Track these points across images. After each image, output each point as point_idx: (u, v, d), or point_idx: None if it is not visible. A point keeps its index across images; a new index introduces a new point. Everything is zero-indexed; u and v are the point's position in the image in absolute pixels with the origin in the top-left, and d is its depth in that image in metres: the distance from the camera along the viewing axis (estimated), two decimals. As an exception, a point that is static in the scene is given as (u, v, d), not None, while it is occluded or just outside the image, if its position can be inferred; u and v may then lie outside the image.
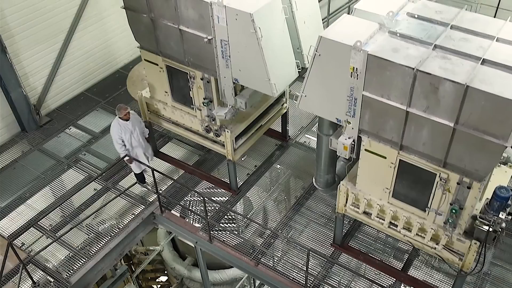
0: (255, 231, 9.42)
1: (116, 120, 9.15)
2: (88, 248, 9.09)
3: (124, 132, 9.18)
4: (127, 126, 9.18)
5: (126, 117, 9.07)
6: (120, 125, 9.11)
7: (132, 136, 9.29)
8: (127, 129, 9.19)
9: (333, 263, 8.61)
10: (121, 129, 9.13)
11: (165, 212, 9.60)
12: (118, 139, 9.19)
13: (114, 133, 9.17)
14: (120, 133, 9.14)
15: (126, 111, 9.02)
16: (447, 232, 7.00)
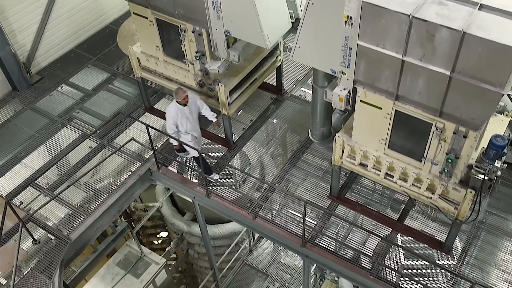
0: (252, 186, 9.46)
1: (173, 105, 8.52)
2: (87, 205, 9.15)
3: (181, 117, 8.58)
4: (184, 111, 8.57)
5: (184, 102, 8.42)
6: (177, 109, 8.50)
7: (189, 121, 8.71)
8: (183, 114, 8.59)
9: (330, 215, 8.69)
10: (178, 114, 8.53)
11: (162, 168, 9.61)
12: (173, 124, 8.63)
13: (170, 117, 8.57)
14: (176, 118, 8.55)
15: (184, 94, 8.36)
16: (443, 182, 7.02)
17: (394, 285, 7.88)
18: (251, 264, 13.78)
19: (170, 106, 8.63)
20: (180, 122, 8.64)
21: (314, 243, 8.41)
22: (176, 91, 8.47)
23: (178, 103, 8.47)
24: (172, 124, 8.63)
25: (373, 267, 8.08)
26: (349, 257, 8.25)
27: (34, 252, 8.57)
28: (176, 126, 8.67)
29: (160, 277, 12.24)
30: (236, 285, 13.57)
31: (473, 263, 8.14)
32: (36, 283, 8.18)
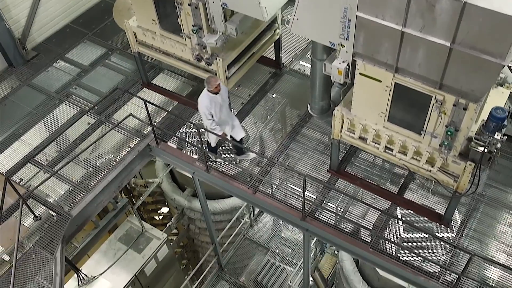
0: (252, 161, 9.45)
1: (205, 93, 8.31)
2: (87, 182, 9.16)
3: (214, 106, 8.37)
4: (216, 100, 8.36)
5: (216, 90, 8.21)
6: (209, 98, 8.30)
7: (222, 110, 8.53)
8: (216, 103, 8.38)
9: (330, 189, 8.70)
10: (211, 102, 8.32)
11: (161, 144, 9.58)
12: (208, 113, 8.39)
13: (203, 107, 8.33)
14: (209, 107, 8.34)
15: (216, 82, 8.17)
16: (443, 155, 7.00)
17: (394, 257, 7.94)
18: (251, 239, 13.90)
19: (201, 97, 8.35)
20: (214, 111, 8.38)
21: (314, 217, 8.45)
22: (208, 79, 8.20)
23: (209, 92, 8.24)
24: (208, 114, 8.38)
25: (373, 240, 8.12)
26: (349, 231, 8.29)
27: (35, 228, 8.62)
28: (211, 114, 8.40)
29: (161, 252, 12.35)
30: (237, 260, 13.70)
31: (472, 235, 8.19)
32: (38, 259, 8.25)
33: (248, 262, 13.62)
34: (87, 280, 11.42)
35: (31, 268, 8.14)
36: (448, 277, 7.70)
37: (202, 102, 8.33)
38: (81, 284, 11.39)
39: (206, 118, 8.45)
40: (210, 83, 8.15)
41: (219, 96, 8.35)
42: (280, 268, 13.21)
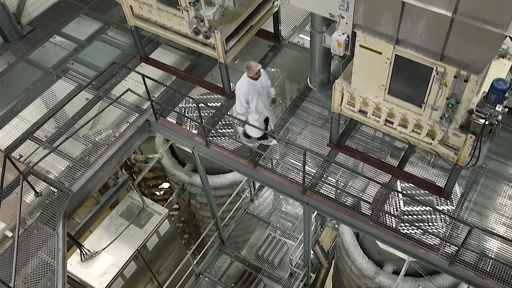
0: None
1: (244, 79, 8.06)
2: (87, 158, 9.15)
3: (252, 93, 8.10)
4: (255, 86, 8.09)
5: (256, 76, 7.95)
6: (248, 84, 8.03)
7: (260, 97, 8.27)
8: (255, 90, 8.10)
9: (330, 163, 8.69)
10: (249, 89, 8.04)
11: (160, 119, 9.54)
12: (244, 100, 8.13)
13: (241, 93, 8.08)
14: (247, 94, 8.06)
15: (257, 68, 7.88)
16: (443, 127, 6.96)
17: (394, 230, 7.98)
18: (252, 213, 13.97)
19: (241, 82, 8.10)
20: (251, 98, 8.12)
21: (314, 191, 8.46)
22: (248, 65, 7.92)
23: (249, 77, 7.97)
24: (243, 101, 8.10)
25: (373, 213, 8.15)
26: (349, 204, 8.31)
27: (37, 204, 8.65)
28: (247, 102, 8.15)
29: (163, 227, 12.43)
30: (238, 234, 13.79)
31: (472, 208, 8.21)
32: (40, 234, 8.31)
33: (249, 236, 13.72)
34: (90, 255, 11.54)
35: (34, 243, 8.20)
36: (448, 249, 7.75)
37: (241, 88, 8.06)
38: (84, 259, 11.51)
39: (240, 104, 8.20)
40: (250, 68, 7.88)
41: (259, 82, 8.06)
42: (281, 242, 13.32)
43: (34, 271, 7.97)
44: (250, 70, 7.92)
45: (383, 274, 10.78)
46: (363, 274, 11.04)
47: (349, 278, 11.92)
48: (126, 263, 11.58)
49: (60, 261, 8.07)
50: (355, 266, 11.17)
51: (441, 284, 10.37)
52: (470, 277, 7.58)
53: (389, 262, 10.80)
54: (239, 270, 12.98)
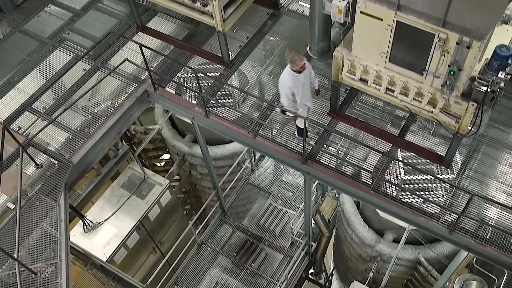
0: (252, 105, 9.35)
1: (287, 72, 7.79)
2: (86, 129, 9.12)
3: (297, 85, 7.84)
4: (299, 79, 7.82)
5: (301, 69, 7.70)
6: (292, 78, 7.76)
7: (304, 89, 8.01)
8: (299, 82, 7.85)
9: (331, 132, 8.64)
10: (294, 82, 7.79)
11: (159, 89, 9.45)
12: (290, 94, 7.89)
13: (286, 87, 7.84)
14: (292, 87, 7.81)
15: (302, 62, 7.60)
16: (445, 95, 6.88)
17: (394, 199, 7.99)
18: (253, 183, 14.01)
19: (284, 75, 7.85)
20: (296, 91, 7.87)
21: (315, 160, 8.44)
22: (292, 58, 7.64)
23: (293, 71, 7.70)
24: (289, 94, 7.87)
25: (374, 182, 8.15)
26: (350, 174, 8.30)
27: (37, 176, 8.66)
28: (292, 94, 7.90)
29: (164, 198, 12.50)
30: (239, 204, 13.87)
31: (473, 176, 8.20)
32: (42, 206, 8.34)
33: (250, 206, 13.80)
34: (92, 226, 11.64)
35: (36, 215, 8.24)
36: (448, 217, 7.78)
37: (285, 83, 7.83)
38: (86, 230, 11.62)
39: (286, 97, 7.97)
40: (295, 62, 7.58)
41: (302, 75, 7.81)
42: (282, 211, 13.40)
43: (38, 242, 8.03)
44: (294, 64, 7.62)
45: (383, 243, 10.89)
46: (364, 243, 11.15)
47: (350, 246, 12.05)
48: (128, 233, 11.69)
49: (62, 232, 8.13)
50: (355, 235, 11.28)
51: (441, 252, 10.48)
52: (470, 245, 7.63)
53: (389, 230, 10.89)
54: (240, 239, 13.11)
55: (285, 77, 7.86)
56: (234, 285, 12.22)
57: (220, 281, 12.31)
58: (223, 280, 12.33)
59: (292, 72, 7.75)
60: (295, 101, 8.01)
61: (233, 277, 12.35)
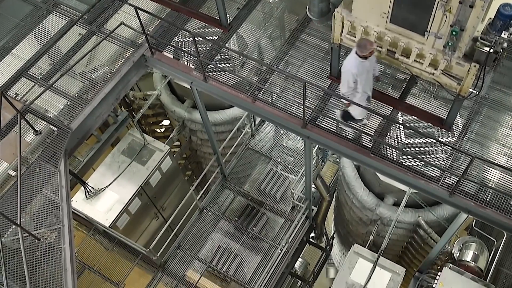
0: (251, 69, 9.23)
1: (353, 58, 7.21)
2: (84, 96, 9.04)
3: (361, 73, 7.32)
4: (365, 66, 7.29)
5: (370, 55, 7.14)
6: (358, 64, 7.22)
7: (368, 77, 7.53)
8: (364, 69, 7.32)
9: (331, 95, 8.56)
10: (359, 69, 7.27)
11: (156, 53, 9.31)
12: (352, 81, 7.37)
13: (350, 74, 7.30)
14: (356, 74, 7.28)
15: (373, 47, 7.05)
16: (446, 56, 6.77)
17: (395, 162, 7.97)
18: (253, 148, 14.00)
19: (349, 60, 7.28)
20: (360, 79, 7.36)
21: (315, 124, 8.39)
22: (362, 42, 7.05)
23: (359, 56, 7.15)
24: (352, 82, 7.35)
25: (374, 145, 8.12)
26: (350, 137, 8.25)
27: (37, 143, 8.65)
28: (355, 82, 7.41)
29: (165, 164, 12.51)
30: (240, 169, 13.89)
31: (474, 139, 8.16)
32: (43, 172, 8.37)
33: (251, 171, 13.83)
34: (94, 192, 11.70)
35: (37, 181, 8.28)
36: (449, 180, 7.78)
37: (349, 69, 7.28)
38: (88, 196, 11.68)
39: (347, 84, 7.46)
40: (365, 47, 7.01)
41: (368, 61, 7.28)
42: (283, 176, 13.43)
43: (40, 208, 8.10)
44: (364, 49, 7.04)
45: (384, 206, 10.96)
46: (364, 206, 11.23)
47: (350, 210, 12.14)
48: (130, 199, 11.76)
49: (64, 198, 8.18)
50: (356, 199, 11.34)
51: (441, 214, 10.55)
52: (470, 207, 7.65)
53: (389, 194, 10.94)
54: (242, 204, 13.19)
55: (350, 63, 7.26)
56: (236, 249, 12.38)
57: (222, 245, 12.47)
58: (225, 244, 12.48)
59: (358, 58, 7.16)
60: (356, 89, 7.49)
61: (235, 241, 12.50)
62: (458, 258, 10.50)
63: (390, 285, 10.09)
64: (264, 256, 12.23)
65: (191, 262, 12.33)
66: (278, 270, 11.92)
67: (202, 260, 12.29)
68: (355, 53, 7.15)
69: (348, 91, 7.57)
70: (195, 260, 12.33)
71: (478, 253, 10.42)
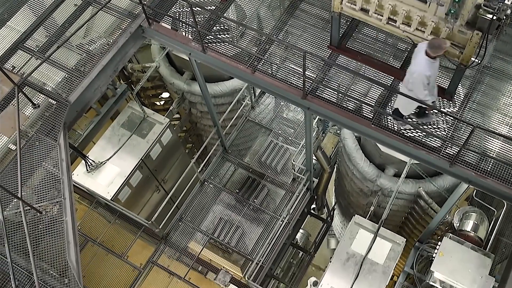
0: (250, 40, 9.10)
1: (425, 60, 6.89)
2: (82, 68, 8.94)
3: (434, 73, 7.09)
4: (435, 66, 7.02)
5: (440, 55, 6.91)
6: (430, 65, 6.93)
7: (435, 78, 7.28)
8: (435, 69, 7.08)
9: (331, 65, 8.45)
10: (432, 69, 6.98)
11: (154, 24, 9.16)
12: (427, 83, 7.03)
13: (423, 77, 6.96)
14: (430, 76, 6.99)
15: (447, 45, 6.74)
16: (448, 24, 6.66)
17: (396, 133, 7.93)
18: (253, 121, 13.95)
19: (422, 64, 6.92)
20: (432, 80, 7.11)
21: (315, 95, 8.32)
22: (436, 43, 6.73)
23: (430, 57, 6.86)
24: (426, 84, 7.03)
25: (375, 116, 8.06)
26: (351, 108, 8.19)
27: (36, 117, 8.60)
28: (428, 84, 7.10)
29: (165, 137, 12.49)
30: (240, 142, 13.87)
31: (475, 109, 8.10)
32: (42, 146, 8.35)
33: (252, 143, 13.82)
34: (95, 165, 11.71)
35: (37, 155, 8.27)
36: (449, 150, 7.74)
37: (422, 72, 6.95)
38: (89, 169, 11.70)
39: (423, 88, 7.09)
40: (440, 47, 6.72)
41: (438, 60, 7.05)
42: (283, 148, 13.42)
43: (41, 182, 8.10)
44: (438, 49, 6.75)
45: (384, 177, 10.97)
46: (365, 178, 11.24)
47: (351, 181, 12.16)
48: (131, 172, 11.78)
49: (64, 171, 8.18)
50: (357, 170, 11.34)
51: (441, 185, 10.57)
52: (471, 177, 7.64)
53: (390, 165, 10.94)
54: (242, 176, 13.22)
55: (422, 66, 6.94)
56: (238, 221, 12.46)
57: (223, 217, 12.55)
58: (227, 216, 12.56)
59: (428, 59, 6.89)
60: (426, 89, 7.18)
61: (236, 213, 12.58)
62: (458, 228, 10.56)
63: (391, 255, 10.18)
64: (266, 228, 12.32)
65: (193, 234, 12.44)
66: (279, 241, 12.03)
67: (204, 232, 12.39)
68: (425, 54, 6.85)
69: (427, 94, 7.19)
70: (197, 232, 12.43)
71: (478, 223, 10.47)
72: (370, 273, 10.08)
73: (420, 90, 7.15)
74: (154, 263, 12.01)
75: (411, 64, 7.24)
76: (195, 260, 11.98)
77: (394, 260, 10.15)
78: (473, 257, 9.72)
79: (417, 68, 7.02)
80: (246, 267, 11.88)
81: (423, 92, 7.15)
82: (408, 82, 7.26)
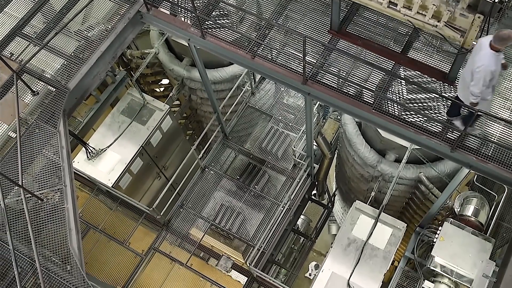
0: (250, 25, 9.01)
1: (490, 54, 6.45)
2: (81, 55, 8.89)
3: (498, 68, 6.61)
4: (500, 59, 6.55)
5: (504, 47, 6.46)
6: (496, 59, 6.48)
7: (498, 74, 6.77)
8: (499, 63, 6.61)
9: (331, 50, 8.38)
10: (497, 64, 6.52)
11: (152, 9, 9.07)
12: (488, 80, 6.61)
13: (488, 71, 6.51)
14: (495, 71, 6.55)
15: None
16: (450, 7, 6.59)
17: (397, 118, 7.89)
18: (254, 107, 13.91)
19: (487, 58, 6.48)
20: (496, 74, 6.67)
21: (315, 80, 8.26)
22: (505, 34, 6.24)
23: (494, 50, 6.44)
24: (488, 80, 6.60)
25: (376, 101, 8.01)
26: (351, 93, 8.14)
27: (35, 104, 8.57)
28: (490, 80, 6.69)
29: (165, 123, 12.46)
30: (241, 128, 13.84)
31: (477, 93, 8.03)
32: (42, 133, 8.34)
33: (252, 130, 13.79)
34: (95, 153, 11.70)
35: (37, 142, 8.26)
36: (450, 135, 7.71)
37: (488, 66, 6.50)
38: (90, 157, 11.69)
39: (482, 84, 6.66)
40: (509, 38, 6.26)
41: (501, 54, 6.57)
42: (284, 134, 13.39)
43: (42, 169, 8.10)
44: (507, 40, 6.31)
45: (385, 163, 10.95)
46: (366, 163, 11.22)
47: (352, 167, 12.15)
48: (132, 159, 11.78)
49: (65, 158, 8.18)
50: (357, 156, 11.32)
51: (442, 170, 10.55)
52: (472, 162, 7.62)
53: (391, 150, 10.91)
54: (243, 162, 13.22)
55: (488, 60, 6.50)
56: (239, 207, 12.49)
57: (224, 204, 12.57)
58: (228, 203, 12.58)
59: (494, 53, 6.46)
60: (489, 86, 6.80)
61: (237, 199, 12.60)
62: (459, 213, 10.58)
63: (392, 240, 10.21)
64: (267, 214, 12.35)
65: (195, 221, 12.48)
66: (280, 227, 12.06)
67: (205, 218, 12.42)
68: (490, 47, 6.46)
69: (482, 91, 6.81)
70: (198, 219, 12.47)
71: (479, 207, 10.48)
72: (371, 258, 10.12)
73: (477, 86, 6.71)
74: (156, 250, 12.07)
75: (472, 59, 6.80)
76: (197, 247, 12.04)
77: (395, 245, 10.19)
78: (473, 242, 9.75)
79: (482, 63, 6.56)
80: (247, 253, 11.93)
81: (479, 88, 6.71)
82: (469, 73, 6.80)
